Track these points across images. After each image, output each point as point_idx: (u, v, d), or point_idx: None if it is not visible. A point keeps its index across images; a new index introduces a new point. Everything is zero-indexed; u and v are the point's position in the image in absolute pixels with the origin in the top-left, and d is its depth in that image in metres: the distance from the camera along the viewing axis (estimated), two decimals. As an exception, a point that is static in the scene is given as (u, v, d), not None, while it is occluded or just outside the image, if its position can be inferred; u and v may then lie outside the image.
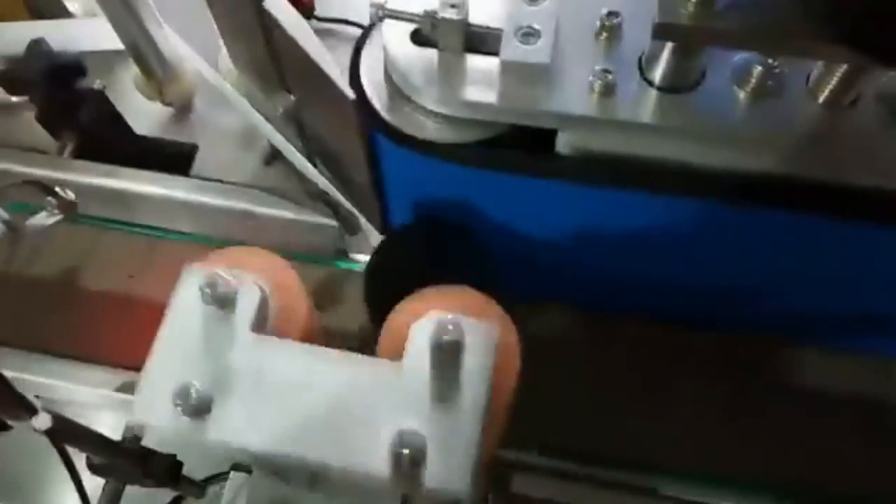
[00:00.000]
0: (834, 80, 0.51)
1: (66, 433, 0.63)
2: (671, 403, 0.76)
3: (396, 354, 0.45)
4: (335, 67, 0.59)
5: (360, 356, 0.46)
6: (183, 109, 0.98)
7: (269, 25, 0.65)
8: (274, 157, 0.91)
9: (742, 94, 0.52)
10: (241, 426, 0.43)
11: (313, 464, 0.43)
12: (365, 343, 0.67)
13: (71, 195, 0.65)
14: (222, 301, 0.46)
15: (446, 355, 0.42)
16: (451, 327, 0.42)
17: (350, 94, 0.57)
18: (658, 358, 0.78)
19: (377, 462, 0.42)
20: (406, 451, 0.40)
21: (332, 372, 0.45)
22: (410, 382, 0.44)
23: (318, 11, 1.01)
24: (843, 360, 0.78)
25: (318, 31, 0.99)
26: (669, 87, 0.53)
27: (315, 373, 0.45)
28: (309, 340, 0.47)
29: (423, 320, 0.45)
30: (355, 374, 0.44)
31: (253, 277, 0.48)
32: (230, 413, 0.44)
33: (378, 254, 0.66)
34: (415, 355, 0.44)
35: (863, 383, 0.78)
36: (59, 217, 0.65)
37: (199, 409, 0.43)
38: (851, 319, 0.72)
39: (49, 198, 0.65)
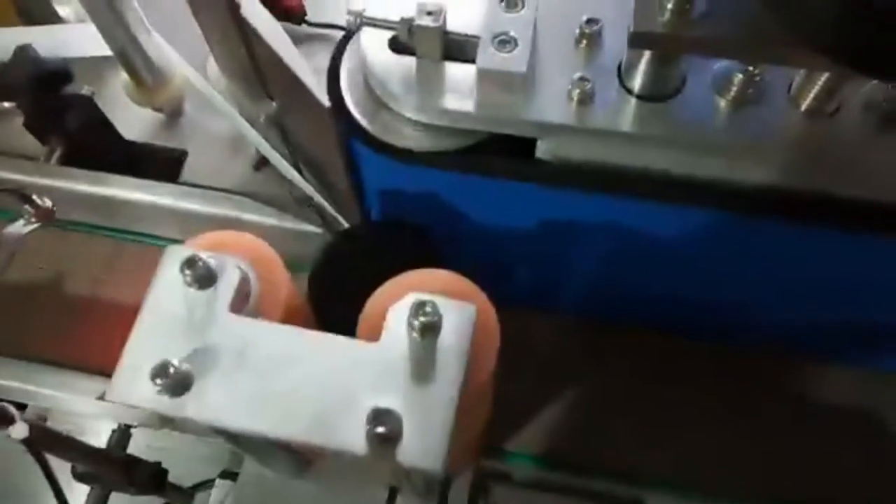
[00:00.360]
0: (816, 89, 0.50)
1: (45, 442, 0.62)
2: (666, 415, 0.75)
3: (375, 338, 0.45)
4: (311, 75, 0.59)
5: (338, 337, 0.46)
6: (173, 115, 0.98)
7: (247, 32, 0.64)
8: (263, 162, 0.91)
9: (722, 103, 0.52)
10: (221, 404, 0.44)
11: (293, 441, 0.43)
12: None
13: (48, 203, 0.65)
14: (202, 281, 0.46)
15: (423, 336, 0.43)
16: (428, 308, 0.43)
17: (325, 101, 0.56)
18: (653, 368, 0.77)
19: (355, 439, 0.42)
20: (381, 429, 0.41)
21: (311, 351, 0.45)
22: (387, 362, 0.44)
23: (310, 16, 1.01)
24: (841, 372, 0.77)
25: (309, 36, 1.00)
26: (649, 96, 0.52)
27: (294, 352, 0.45)
28: (290, 321, 0.47)
29: (401, 302, 0.45)
30: (334, 354, 0.45)
31: (233, 258, 0.48)
32: (209, 391, 0.44)
33: (322, 255, 0.66)
34: (392, 336, 0.45)
35: (860, 395, 0.77)
36: (36, 225, 0.65)
37: (177, 386, 0.43)
38: (841, 331, 0.71)
39: (26, 206, 0.64)
